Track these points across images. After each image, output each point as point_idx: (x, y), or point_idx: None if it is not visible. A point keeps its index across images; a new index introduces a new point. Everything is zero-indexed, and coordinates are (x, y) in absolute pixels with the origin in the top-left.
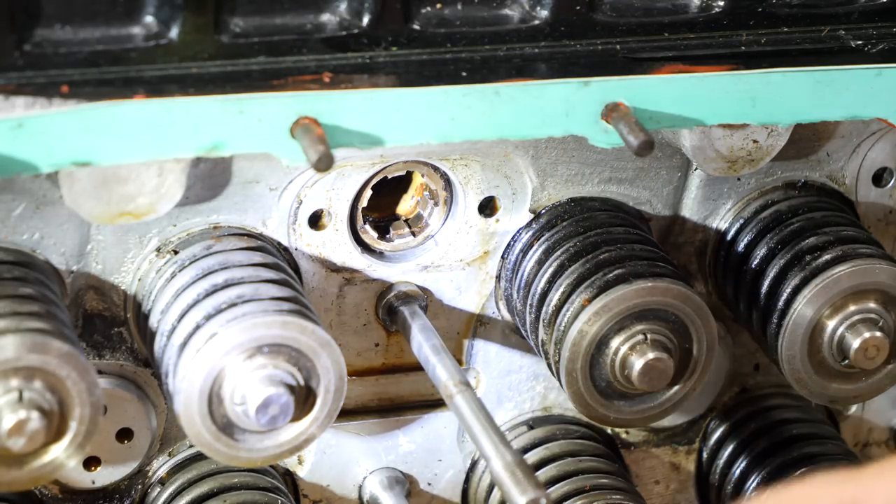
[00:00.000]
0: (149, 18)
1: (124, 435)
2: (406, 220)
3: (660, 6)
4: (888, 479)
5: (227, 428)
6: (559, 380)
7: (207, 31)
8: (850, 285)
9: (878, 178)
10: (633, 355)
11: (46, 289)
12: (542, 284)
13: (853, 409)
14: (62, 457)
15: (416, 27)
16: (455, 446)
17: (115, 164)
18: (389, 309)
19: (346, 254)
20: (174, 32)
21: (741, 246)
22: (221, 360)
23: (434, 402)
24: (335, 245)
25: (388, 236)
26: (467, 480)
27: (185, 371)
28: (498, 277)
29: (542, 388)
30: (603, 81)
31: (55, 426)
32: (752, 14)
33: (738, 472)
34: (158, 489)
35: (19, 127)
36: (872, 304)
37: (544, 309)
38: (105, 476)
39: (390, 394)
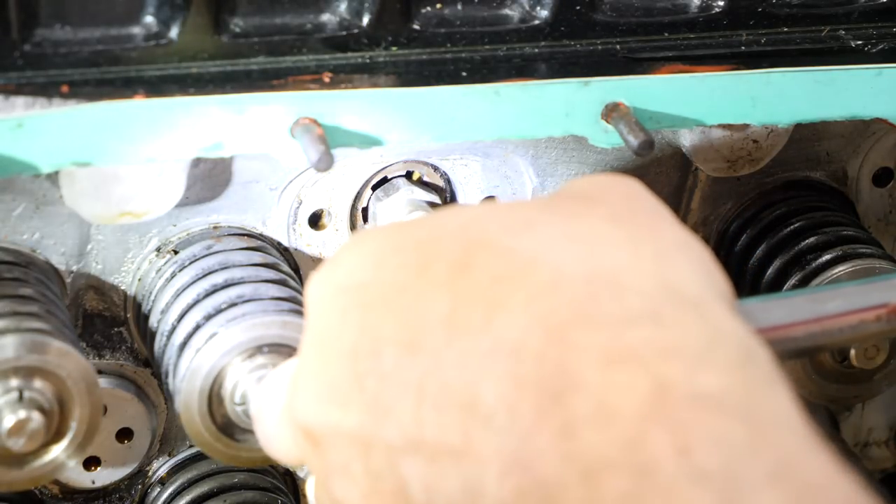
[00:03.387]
0: (149, 18)
1: (124, 435)
2: None
3: (660, 6)
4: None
5: (227, 428)
6: None
7: (207, 31)
8: None
9: (878, 178)
10: None
11: (46, 289)
12: None
13: (853, 408)
14: (62, 457)
15: (416, 27)
16: None
17: (116, 164)
18: None
19: None
20: (174, 32)
21: (741, 246)
22: (221, 359)
23: None
24: (335, 245)
25: None
26: None
27: (185, 371)
28: None
29: None
30: (603, 81)
31: (55, 426)
32: (752, 14)
33: None
34: (158, 489)
35: (19, 127)
36: None
37: None
38: (105, 476)
39: None
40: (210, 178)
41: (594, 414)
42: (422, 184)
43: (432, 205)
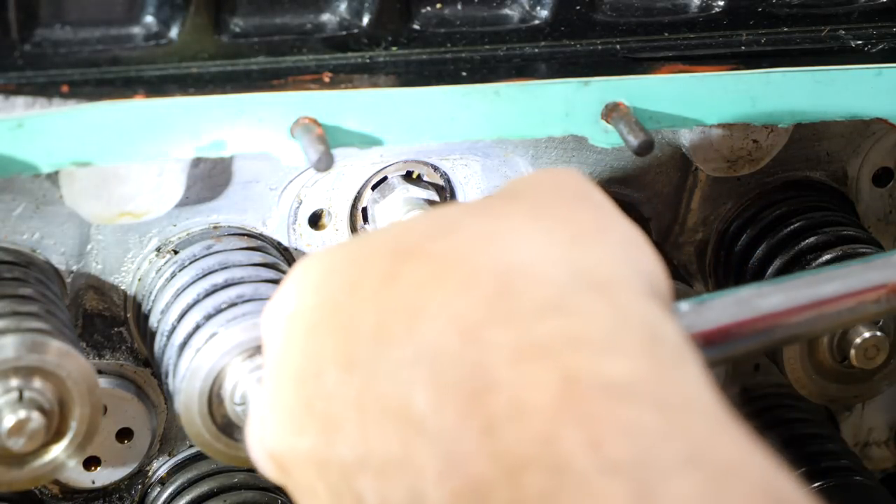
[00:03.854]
0: (149, 18)
1: (124, 435)
2: None
3: (660, 6)
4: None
5: (227, 428)
6: None
7: (207, 31)
8: None
9: (878, 178)
10: None
11: (46, 289)
12: None
13: (853, 408)
14: (62, 457)
15: (416, 27)
16: None
17: (115, 164)
18: None
19: None
20: (174, 32)
21: (741, 246)
22: (221, 359)
23: None
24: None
25: None
26: None
27: (185, 371)
28: None
29: None
30: (603, 81)
31: (55, 426)
32: (752, 14)
33: None
34: (158, 489)
35: (19, 127)
36: None
37: None
38: (105, 476)
39: None
40: (210, 178)
41: (510, 412)
42: (418, 181)
43: (431, 202)
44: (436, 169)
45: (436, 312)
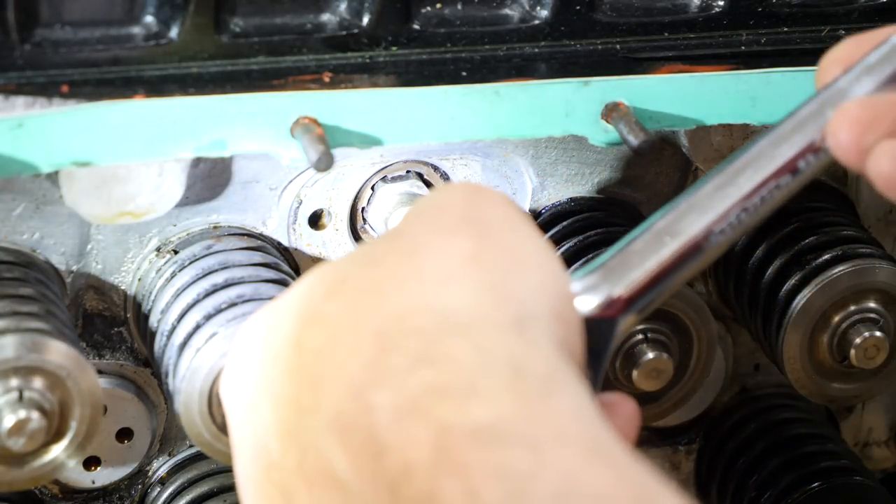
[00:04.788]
0: (149, 18)
1: (124, 435)
2: None
3: (660, 6)
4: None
5: (227, 428)
6: None
7: (207, 31)
8: (849, 285)
9: None
10: (633, 355)
11: (46, 289)
12: None
13: (853, 408)
14: (62, 457)
15: (416, 27)
16: None
17: (115, 164)
18: None
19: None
20: (174, 32)
21: (741, 247)
22: (221, 359)
23: None
24: (335, 245)
25: None
26: None
27: (185, 371)
28: None
29: None
30: (603, 81)
31: (55, 426)
32: (752, 14)
33: (738, 471)
34: (158, 489)
35: (19, 127)
36: (872, 304)
37: None
38: (105, 476)
39: None
40: (210, 178)
41: (402, 472)
42: (398, 178)
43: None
44: (436, 169)
45: (333, 380)
